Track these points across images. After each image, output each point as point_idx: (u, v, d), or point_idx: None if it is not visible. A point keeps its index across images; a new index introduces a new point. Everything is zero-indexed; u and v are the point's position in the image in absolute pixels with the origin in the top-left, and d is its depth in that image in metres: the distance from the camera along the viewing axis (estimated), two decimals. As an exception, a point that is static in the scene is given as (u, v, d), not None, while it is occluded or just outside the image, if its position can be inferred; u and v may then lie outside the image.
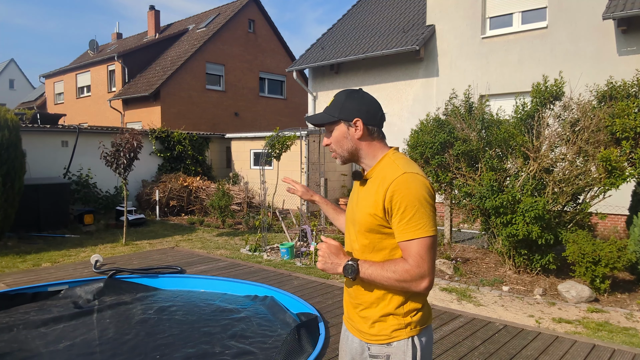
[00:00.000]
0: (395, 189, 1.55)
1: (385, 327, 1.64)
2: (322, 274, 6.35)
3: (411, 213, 1.53)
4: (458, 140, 6.82)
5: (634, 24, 8.79)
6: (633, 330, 4.45)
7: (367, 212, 1.63)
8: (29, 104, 30.58)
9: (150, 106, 18.28)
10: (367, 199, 1.65)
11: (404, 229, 1.55)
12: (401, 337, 1.63)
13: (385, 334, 1.64)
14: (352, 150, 1.72)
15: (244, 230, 10.23)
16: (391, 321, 1.64)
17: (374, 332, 1.66)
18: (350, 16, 15.29)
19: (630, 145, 5.87)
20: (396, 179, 1.56)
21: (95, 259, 6.36)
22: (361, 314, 1.70)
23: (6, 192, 7.91)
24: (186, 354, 3.77)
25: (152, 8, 23.03)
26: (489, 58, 10.74)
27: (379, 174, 1.65)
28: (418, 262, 1.53)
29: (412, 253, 1.54)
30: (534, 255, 6.10)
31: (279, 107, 22.03)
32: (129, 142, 8.24)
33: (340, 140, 1.71)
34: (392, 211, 1.56)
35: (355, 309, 1.73)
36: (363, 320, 1.70)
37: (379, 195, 1.60)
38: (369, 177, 1.70)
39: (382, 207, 1.58)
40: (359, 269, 1.59)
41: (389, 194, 1.56)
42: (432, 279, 1.56)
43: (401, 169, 1.59)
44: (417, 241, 1.53)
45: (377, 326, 1.66)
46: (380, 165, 1.68)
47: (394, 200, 1.55)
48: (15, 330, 4.22)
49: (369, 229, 1.63)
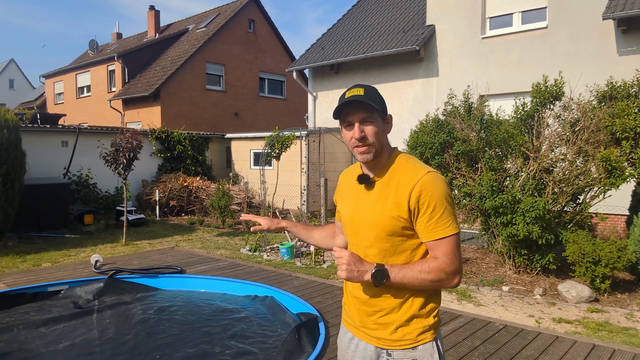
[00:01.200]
0: (422, 189, 1.54)
1: (410, 330, 1.62)
2: (322, 274, 6.35)
3: (440, 211, 1.53)
4: (458, 141, 6.82)
5: (634, 24, 8.79)
6: (633, 330, 4.45)
7: (390, 215, 1.58)
8: (29, 104, 30.59)
9: (150, 106, 18.28)
10: (384, 202, 1.60)
11: (433, 228, 1.54)
12: (427, 340, 1.62)
13: (410, 338, 1.61)
14: (383, 147, 1.64)
15: (244, 230, 10.23)
16: (415, 324, 1.62)
17: (397, 338, 1.62)
18: (350, 16, 15.29)
19: (630, 145, 5.87)
20: (422, 179, 1.55)
21: (95, 259, 6.36)
22: (380, 320, 1.65)
23: (6, 192, 7.91)
24: (186, 354, 3.77)
25: (152, 8, 23.03)
26: (489, 58, 10.73)
27: (393, 175, 1.62)
28: (451, 259, 1.54)
29: (444, 251, 1.54)
30: (534, 255, 6.10)
31: (279, 107, 22.02)
32: (128, 142, 8.24)
33: (378, 134, 1.62)
34: (419, 211, 1.55)
35: (372, 316, 1.67)
36: (382, 327, 1.65)
37: (400, 197, 1.56)
38: (379, 178, 1.65)
39: (406, 208, 1.55)
40: (389, 274, 1.55)
41: (414, 193, 1.54)
42: (461, 275, 1.58)
43: (423, 169, 1.58)
44: (448, 239, 1.54)
45: (400, 331, 1.62)
46: (391, 167, 1.64)
47: (421, 200, 1.54)
48: (15, 330, 4.22)
49: (391, 232, 1.59)
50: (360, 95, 1.58)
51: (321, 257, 7.20)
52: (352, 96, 1.59)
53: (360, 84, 1.65)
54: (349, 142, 1.64)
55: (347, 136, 1.64)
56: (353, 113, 1.60)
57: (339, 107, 1.62)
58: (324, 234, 2.03)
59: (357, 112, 1.59)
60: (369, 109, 1.59)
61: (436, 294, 1.66)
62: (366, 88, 1.62)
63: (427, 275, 1.53)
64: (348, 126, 1.64)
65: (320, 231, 2.03)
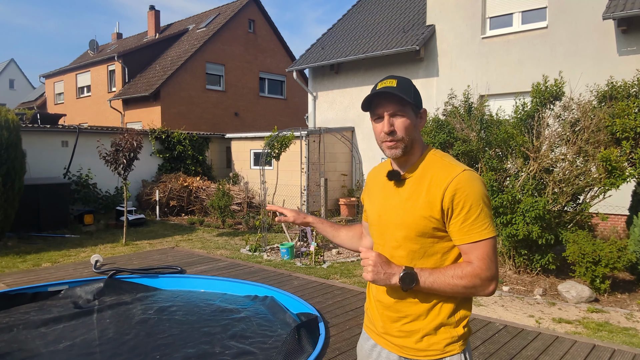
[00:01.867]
0: (457, 188, 1.44)
1: (437, 340, 1.51)
2: (322, 274, 6.34)
3: (476, 213, 1.44)
4: (458, 141, 6.82)
5: (634, 24, 8.78)
6: (633, 331, 4.45)
7: (421, 215, 1.48)
8: (29, 104, 30.58)
9: (150, 106, 18.28)
10: (415, 201, 1.50)
11: (468, 230, 1.44)
12: (454, 352, 1.51)
13: (437, 348, 1.51)
14: (414, 142, 1.54)
15: (244, 230, 10.23)
16: (443, 334, 1.51)
17: (423, 347, 1.52)
18: (350, 16, 15.29)
19: (630, 145, 5.87)
20: (457, 177, 1.45)
21: (95, 259, 6.36)
22: (405, 327, 1.55)
23: (6, 192, 7.91)
24: (186, 354, 3.77)
25: (152, 8, 23.02)
26: (489, 58, 10.73)
27: (425, 172, 1.52)
28: (487, 265, 1.43)
29: (480, 255, 1.44)
30: (534, 255, 6.10)
31: (279, 107, 22.02)
32: (128, 142, 8.24)
33: (410, 128, 1.51)
34: (453, 212, 1.45)
35: (396, 322, 1.56)
36: (407, 334, 1.54)
37: (433, 196, 1.47)
38: (409, 175, 1.55)
39: (439, 208, 1.46)
40: (418, 278, 1.44)
41: (448, 193, 1.44)
42: (497, 282, 1.48)
43: (458, 166, 1.49)
44: (484, 242, 1.44)
45: (426, 340, 1.52)
46: (423, 164, 1.54)
47: (455, 200, 1.44)
48: (15, 330, 4.22)
49: (421, 232, 1.49)
50: (392, 87, 1.49)
51: (321, 257, 7.20)
52: (384, 87, 1.49)
53: (394, 75, 1.56)
54: (378, 136, 1.54)
55: (377, 130, 1.54)
56: (383, 105, 1.50)
57: (368, 98, 1.52)
58: (350, 234, 1.91)
59: (388, 104, 1.50)
60: (400, 102, 1.49)
61: (467, 301, 1.55)
62: (399, 79, 1.52)
63: (460, 281, 1.43)
64: (378, 119, 1.54)
65: (347, 231, 1.92)
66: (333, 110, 13.68)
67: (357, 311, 4.63)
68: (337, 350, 3.70)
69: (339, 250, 7.96)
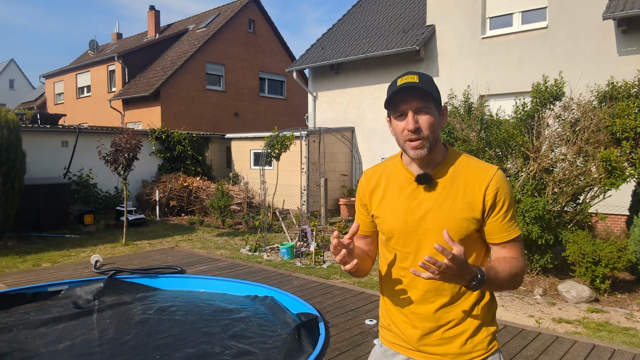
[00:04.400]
0: (498, 186, 1.44)
1: (480, 339, 1.50)
2: (322, 274, 6.34)
3: (512, 210, 1.47)
4: (458, 141, 6.82)
5: (634, 24, 8.78)
6: (633, 331, 4.45)
7: (462, 217, 1.44)
8: (29, 104, 30.58)
9: (150, 106, 18.28)
10: (452, 203, 1.45)
11: (508, 227, 1.46)
12: (495, 348, 1.52)
13: (482, 347, 1.50)
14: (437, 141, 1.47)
15: (244, 230, 10.23)
16: (483, 332, 1.50)
17: (468, 350, 1.49)
18: (350, 16, 15.29)
19: (630, 146, 5.87)
20: (495, 176, 1.45)
21: (95, 259, 6.36)
22: (447, 334, 1.49)
23: (6, 192, 7.91)
24: (186, 354, 3.77)
25: (152, 8, 23.02)
26: (489, 58, 10.73)
27: (457, 173, 1.48)
28: (524, 259, 1.49)
29: (519, 250, 1.48)
30: (534, 255, 6.09)
31: (279, 107, 22.02)
32: (128, 142, 8.25)
33: (434, 125, 1.43)
34: (495, 209, 1.44)
35: (437, 331, 1.50)
36: (449, 340, 1.49)
37: (473, 196, 1.44)
38: (438, 177, 1.48)
39: (480, 208, 1.44)
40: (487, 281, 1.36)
41: (490, 191, 1.43)
42: None
43: (492, 165, 1.49)
44: (519, 239, 1.48)
45: (470, 342, 1.49)
46: (452, 164, 1.49)
47: (497, 198, 1.44)
48: (15, 330, 4.22)
49: (463, 235, 1.44)
50: (415, 82, 1.40)
51: (321, 257, 7.20)
52: (406, 83, 1.40)
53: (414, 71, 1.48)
54: (400, 134, 1.44)
55: (399, 127, 1.44)
56: (406, 101, 1.41)
57: (391, 95, 1.42)
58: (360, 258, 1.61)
59: (412, 100, 1.40)
60: (424, 97, 1.41)
61: (494, 298, 1.56)
62: (420, 75, 1.44)
63: (514, 279, 1.43)
64: (400, 116, 1.43)
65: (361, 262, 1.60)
66: (333, 110, 13.68)
67: (357, 311, 4.63)
68: (337, 350, 3.71)
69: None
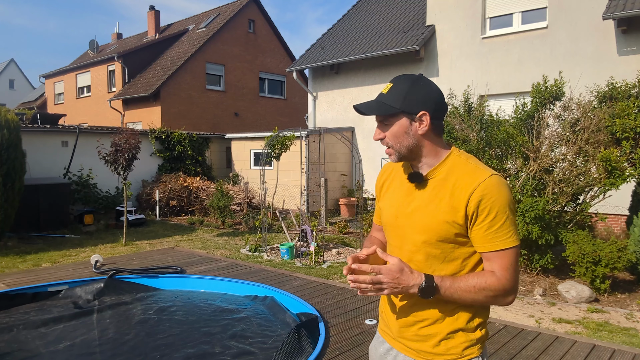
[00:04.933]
0: (484, 193, 1.38)
1: (455, 344, 1.47)
2: (322, 274, 6.34)
3: (502, 220, 1.38)
4: (458, 141, 6.82)
5: (634, 24, 8.78)
6: (633, 331, 4.45)
7: (442, 219, 1.43)
8: (29, 104, 30.58)
9: (150, 106, 18.28)
10: (437, 205, 1.45)
11: (492, 238, 1.39)
12: (473, 355, 1.48)
13: (455, 352, 1.47)
14: (413, 148, 1.48)
15: (244, 230, 10.23)
16: (460, 337, 1.48)
17: (440, 352, 1.48)
18: (350, 16, 15.29)
19: (630, 146, 5.87)
20: (484, 182, 1.39)
21: (95, 259, 6.36)
22: (422, 331, 1.51)
23: (6, 192, 7.90)
24: (186, 354, 3.77)
25: (152, 8, 23.02)
26: (489, 58, 10.73)
27: (449, 175, 1.46)
28: (511, 274, 1.39)
29: (502, 265, 1.39)
30: (534, 255, 6.10)
31: (279, 107, 22.02)
32: (127, 142, 8.25)
33: (400, 135, 1.46)
34: (477, 218, 1.39)
35: (413, 326, 1.52)
36: (424, 338, 1.51)
37: (457, 201, 1.41)
38: (432, 177, 1.49)
39: (463, 214, 1.40)
40: (439, 290, 1.39)
41: (474, 198, 1.38)
42: (517, 293, 1.44)
43: (485, 171, 1.42)
44: (508, 251, 1.39)
45: (443, 344, 1.48)
46: (448, 166, 1.48)
47: (481, 206, 1.38)
48: (15, 330, 4.22)
49: (442, 237, 1.44)
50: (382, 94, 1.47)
51: (321, 257, 7.20)
52: (362, 104, 1.48)
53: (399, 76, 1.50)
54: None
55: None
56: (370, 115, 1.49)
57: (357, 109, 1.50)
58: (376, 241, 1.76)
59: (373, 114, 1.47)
60: (383, 112, 1.46)
61: (485, 307, 1.52)
62: (395, 82, 1.47)
63: (481, 293, 1.39)
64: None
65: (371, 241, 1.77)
66: (333, 110, 13.68)
67: (357, 311, 4.63)
68: (337, 350, 3.71)
69: (338, 251, 7.97)
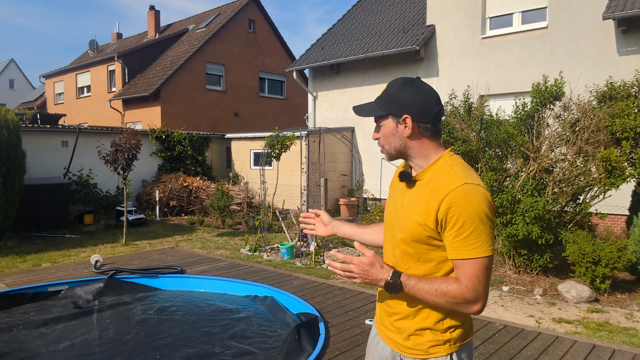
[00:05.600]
0: (452, 202, 1.39)
1: (422, 341, 1.52)
2: (322, 274, 6.35)
3: (469, 230, 1.37)
4: (458, 141, 6.82)
5: (634, 24, 8.78)
6: (633, 330, 4.45)
7: (416, 221, 1.47)
8: (29, 104, 30.58)
9: (150, 106, 18.28)
10: (416, 206, 1.49)
11: (459, 246, 1.40)
12: (439, 354, 1.51)
13: (421, 349, 1.52)
14: (400, 149, 1.55)
15: (244, 230, 10.23)
16: (428, 336, 1.52)
17: (409, 345, 1.54)
18: (350, 16, 15.29)
19: (630, 145, 5.87)
20: (454, 190, 1.39)
21: (95, 259, 6.36)
22: (395, 324, 1.58)
23: (6, 192, 7.90)
24: (186, 354, 3.77)
25: (152, 8, 23.03)
26: (489, 58, 10.73)
27: (432, 178, 1.49)
28: (474, 284, 1.39)
29: (467, 274, 1.39)
30: (534, 255, 6.10)
31: (279, 107, 22.02)
32: (127, 142, 8.24)
33: (388, 136, 1.55)
34: (447, 225, 1.41)
35: (390, 317, 1.61)
36: (397, 330, 1.58)
37: (431, 205, 1.44)
38: (419, 179, 1.53)
39: (434, 218, 1.42)
40: (402, 288, 1.45)
41: (444, 205, 1.40)
42: (485, 302, 1.43)
43: (461, 178, 1.42)
44: (473, 261, 1.38)
45: (412, 339, 1.54)
46: (434, 169, 1.51)
47: (449, 214, 1.39)
48: (15, 330, 4.22)
49: (416, 238, 1.48)
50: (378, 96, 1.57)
51: (321, 257, 7.20)
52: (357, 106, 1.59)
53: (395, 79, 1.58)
54: None
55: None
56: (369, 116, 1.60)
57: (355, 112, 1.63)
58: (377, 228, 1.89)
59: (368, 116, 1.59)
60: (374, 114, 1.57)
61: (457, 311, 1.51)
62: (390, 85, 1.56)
63: (441, 297, 1.42)
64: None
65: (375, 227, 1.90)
66: (333, 110, 13.68)
67: (357, 311, 4.63)
68: (337, 350, 3.71)
69: (338, 250, 7.97)
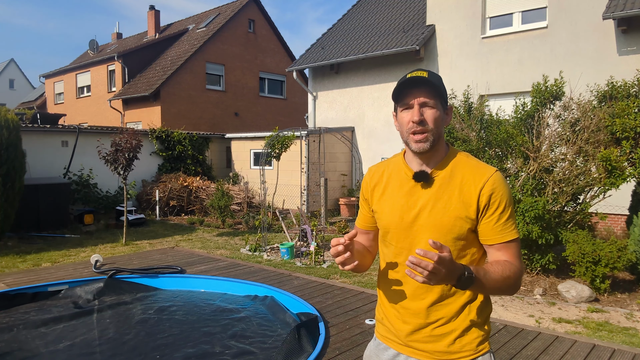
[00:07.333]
0: (494, 187, 1.43)
1: (470, 340, 1.49)
2: (322, 274, 6.34)
3: (509, 212, 1.45)
4: (458, 141, 6.82)
5: (634, 24, 8.78)
6: (633, 330, 4.45)
7: (456, 215, 1.44)
8: (29, 104, 30.57)
9: (150, 106, 18.28)
10: (449, 200, 1.46)
11: (502, 229, 1.44)
12: (486, 350, 1.50)
13: (469, 348, 1.49)
14: (441, 136, 1.49)
15: (244, 230, 10.23)
16: (474, 333, 1.49)
17: (456, 349, 1.48)
18: (350, 16, 15.29)
19: (630, 145, 5.87)
20: (492, 176, 1.45)
21: (95, 259, 6.36)
22: (435, 332, 1.49)
23: (6, 192, 7.90)
24: (186, 354, 3.77)
25: (152, 8, 23.03)
26: (489, 58, 10.73)
27: (455, 172, 1.49)
28: (522, 262, 1.47)
29: (515, 253, 1.45)
30: (534, 255, 6.10)
31: (279, 107, 22.02)
32: (128, 141, 8.24)
33: (439, 120, 1.46)
34: (489, 210, 1.43)
35: (426, 328, 1.50)
36: (438, 339, 1.49)
37: (467, 196, 1.44)
38: (437, 174, 1.49)
39: (475, 207, 1.43)
40: (474, 281, 1.34)
41: (486, 191, 1.43)
42: None
43: (490, 166, 1.49)
44: (516, 242, 1.46)
45: (459, 342, 1.48)
46: (453, 163, 1.50)
47: (492, 198, 1.43)
48: (15, 330, 4.22)
49: (457, 234, 1.45)
50: (424, 77, 1.44)
51: (321, 257, 7.20)
52: (415, 77, 1.44)
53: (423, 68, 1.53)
54: (406, 126, 1.46)
55: (404, 120, 1.47)
56: (413, 94, 1.44)
57: (398, 87, 1.46)
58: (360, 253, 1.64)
59: (419, 93, 1.44)
60: (431, 92, 1.44)
61: (489, 300, 1.54)
62: (430, 72, 1.47)
63: (506, 282, 1.39)
64: (406, 109, 1.46)
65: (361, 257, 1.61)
66: (333, 110, 13.68)
67: (357, 311, 4.63)
68: (337, 350, 3.71)
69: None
